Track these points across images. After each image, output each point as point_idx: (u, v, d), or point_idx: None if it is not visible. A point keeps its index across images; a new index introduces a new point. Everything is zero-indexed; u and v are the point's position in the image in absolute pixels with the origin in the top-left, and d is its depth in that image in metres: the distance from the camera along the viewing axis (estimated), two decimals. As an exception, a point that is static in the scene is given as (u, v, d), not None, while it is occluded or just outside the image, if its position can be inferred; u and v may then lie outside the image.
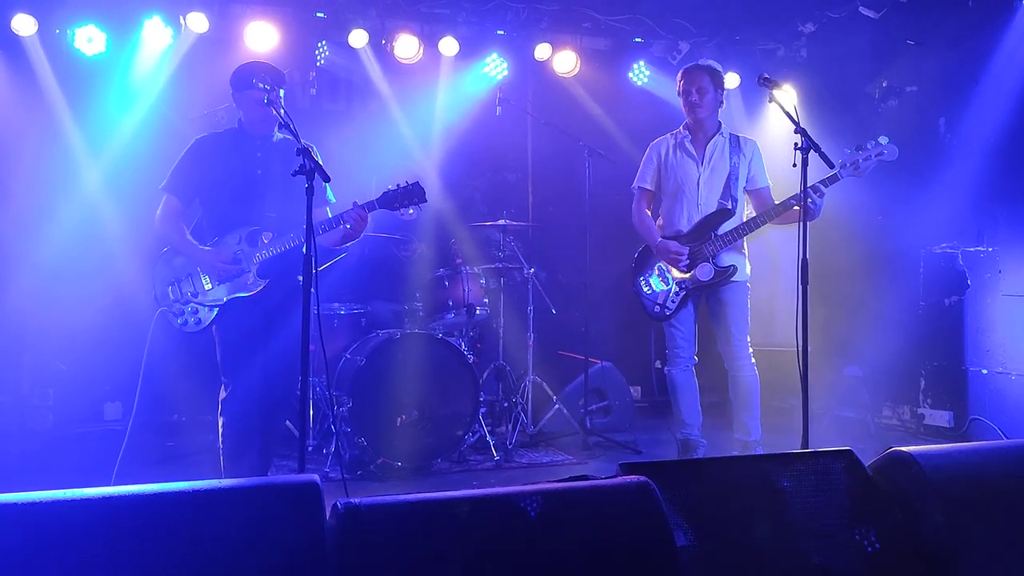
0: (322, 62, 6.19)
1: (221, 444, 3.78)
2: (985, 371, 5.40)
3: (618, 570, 1.77)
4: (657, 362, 4.93)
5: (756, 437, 4.45)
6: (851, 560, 1.98)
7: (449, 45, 6.24)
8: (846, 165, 4.06)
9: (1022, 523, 2.07)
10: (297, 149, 3.15)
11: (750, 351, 4.48)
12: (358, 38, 6.02)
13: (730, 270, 4.43)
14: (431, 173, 6.22)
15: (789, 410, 5.45)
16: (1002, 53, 5.38)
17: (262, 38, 5.77)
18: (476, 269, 5.38)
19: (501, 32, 6.46)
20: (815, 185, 4.00)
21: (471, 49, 6.40)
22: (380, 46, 6.17)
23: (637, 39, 6.72)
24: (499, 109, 5.76)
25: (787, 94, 4.80)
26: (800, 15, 6.43)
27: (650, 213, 4.69)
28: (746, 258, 4.56)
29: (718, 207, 4.48)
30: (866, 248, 6.13)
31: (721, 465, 2.24)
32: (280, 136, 3.85)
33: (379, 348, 4.72)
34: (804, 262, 3.57)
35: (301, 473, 2.98)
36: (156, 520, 1.60)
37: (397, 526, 1.71)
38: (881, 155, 4.06)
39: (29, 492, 1.58)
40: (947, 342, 5.64)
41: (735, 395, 4.50)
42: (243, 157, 3.81)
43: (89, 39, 5.51)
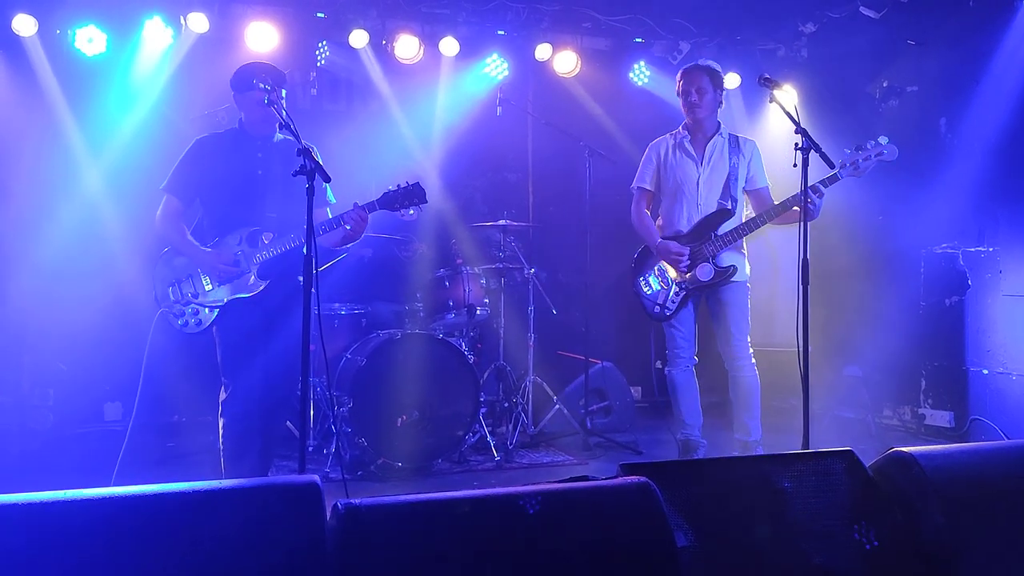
0: (323, 62, 6.19)
1: (221, 445, 3.78)
2: (986, 371, 5.40)
3: (619, 571, 1.77)
4: (658, 362, 4.93)
5: (756, 437, 4.45)
6: (852, 561, 1.98)
7: (449, 45, 6.23)
8: (846, 165, 4.06)
9: (1023, 524, 2.07)
10: (298, 149, 3.15)
11: (750, 351, 4.48)
12: (359, 38, 6.02)
13: (730, 270, 4.43)
14: (431, 173, 6.22)
15: (789, 410, 5.45)
16: (1003, 53, 5.37)
17: (263, 38, 5.77)
18: (477, 269, 5.38)
19: (501, 32, 6.46)
20: (814, 185, 4.00)
21: (472, 49, 6.40)
22: (381, 46, 6.17)
23: (638, 39, 6.72)
24: (499, 109, 5.75)
25: (788, 94, 4.79)
26: (801, 15, 6.43)
27: (649, 213, 4.69)
28: (745, 258, 4.56)
29: (718, 207, 4.48)
30: (867, 248, 6.13)
31: (722, 466, 2.23)
32: (281, 137, 3.85)
33: (380, 348, 4.72)
34: (805, 262, 3.57)
35: (301, 473, 2.98)
36: (156, 520, 1.60)
37: (398, 526, 1.71)
38: (881, 155, 4.06)
39: (29, 492, 1.58)
40: (948, 342, 5.64)
41: (735, 395, 4.50)
42: (244, 157, 3.81)
43: (90, 39, 5.51)
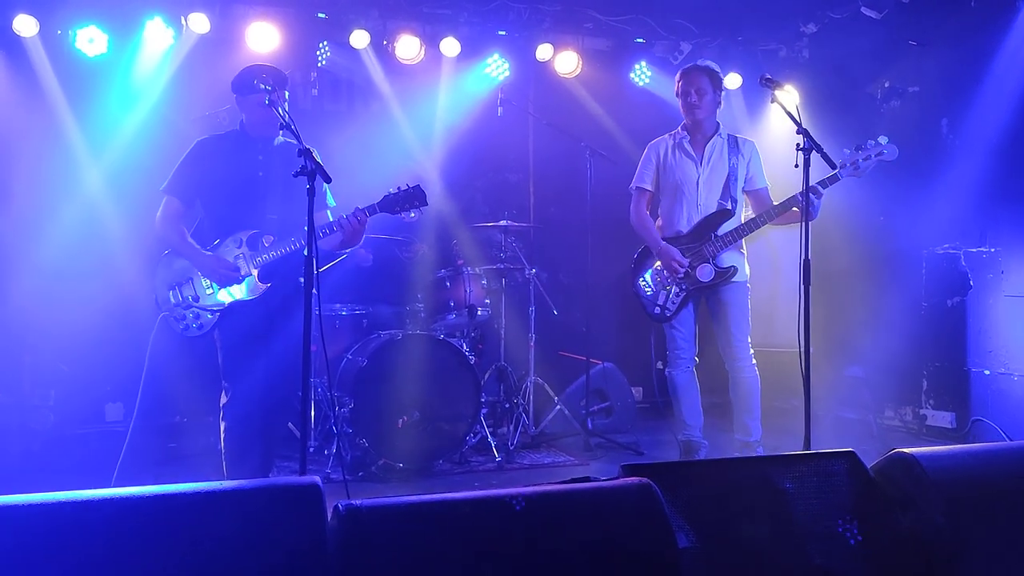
0: (323, 63, 6.18)
1: (223, 447, 3.77)
2: (987, 372, 5.39)
3: (620, 572, 1.77)
4: (658, 363, 4.92)
5: (757, 438, 4.46)
6: (853, 561, 1.97)
7: (450, 46, 6.23)
8: (846, 165, 4.06)
9: (1024, 524, 2.07)
10: (299, 150, 3.15)
11: (751, 352, 4.48)
12: (359, 39, 6.02)
13: (730, 271, 4.43)
14: (432, 174, 6.21)
15: (790, 411, 5.45)
16: (1004, 53, 5.37)
17: (263, 39, 5.76)
18: (477, 270, 5.38)
19: (502, 32, 6.46)
20: (813, 186, 3.99)
21: (472, 50, 6.39)
22: (381, 47, 6.17)
23: (639, 39, 6.71)
24: (500, 110, 5.76)
25: (789, 95, 4.78)
26: (802, 16, 6.42)
27: (648, 213, 4.69)
28: (745, 259, 4.56)
29: (718, 207, 4.48)
30: (868, 248, 6.12)
31: (723, 466, 2.23)
32: (282, 139, 3.84)
33: (380, 349, 4.72)
34: (807, 262, 3.57)
35: (302, 474, 2.98)
36: (157, 521, 1.60)
37: (398, 527, 1.71)
38: (881, 155, 4.06)
39: (30, 493, 1.58)
40: (949, 343, 5.63)
41: (736, 396, 4.50)
42: (244, 159, 3.81)
43: (90, 40, 5.50)
